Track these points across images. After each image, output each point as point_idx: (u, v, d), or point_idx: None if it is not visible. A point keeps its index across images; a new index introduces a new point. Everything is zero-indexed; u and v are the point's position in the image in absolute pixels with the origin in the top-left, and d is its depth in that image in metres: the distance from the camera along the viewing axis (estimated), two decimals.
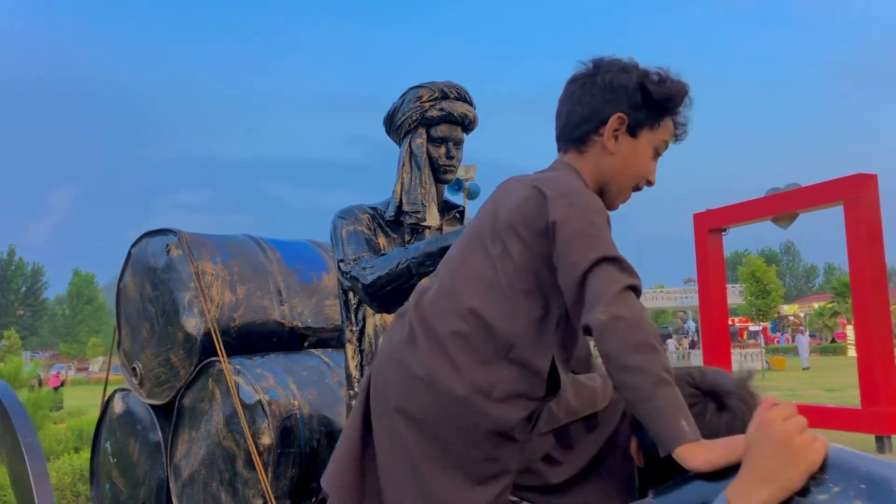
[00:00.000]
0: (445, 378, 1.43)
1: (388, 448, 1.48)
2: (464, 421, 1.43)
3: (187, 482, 3.04)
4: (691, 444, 1.19)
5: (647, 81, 1.50)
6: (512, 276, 1.46)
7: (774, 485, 1.06)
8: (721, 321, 14.24)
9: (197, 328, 3.08)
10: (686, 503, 1.20)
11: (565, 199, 1.43)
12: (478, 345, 1.44)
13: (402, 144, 2.63)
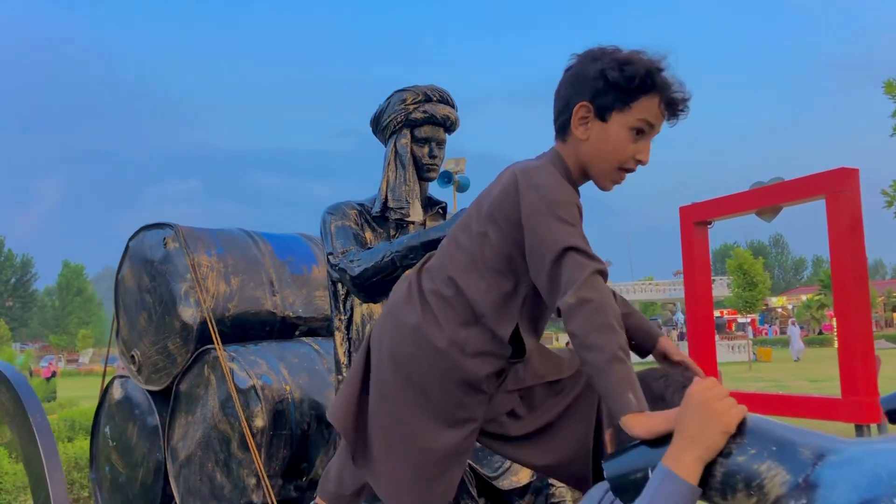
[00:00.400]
0: (429, 331, 1.66)
1: (377, 393, 1.72)
2: (441, 370, 1.66)
3: (184, 463, 3.20)
4: (636, 414, 1.36)
5: (608, 67, 1.60)
6: (489, 257, 1.66)
7: (699, 445, 1.23)
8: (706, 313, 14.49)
9: (193, 317, 3.24)
10: (632, 467, 1.37)
11: (536, 191, 1.61)
12: (457, 308, 1.66)
13: (387, 144, 2.80)
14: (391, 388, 1.71)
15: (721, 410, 1.24)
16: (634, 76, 1.60)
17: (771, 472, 1.17)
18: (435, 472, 1.69)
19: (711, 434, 1.23)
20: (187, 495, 3.17)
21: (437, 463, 1.69)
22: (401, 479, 1.71)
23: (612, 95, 1.62)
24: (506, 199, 1.65)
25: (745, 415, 1.26)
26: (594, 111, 1.65)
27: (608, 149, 1.66)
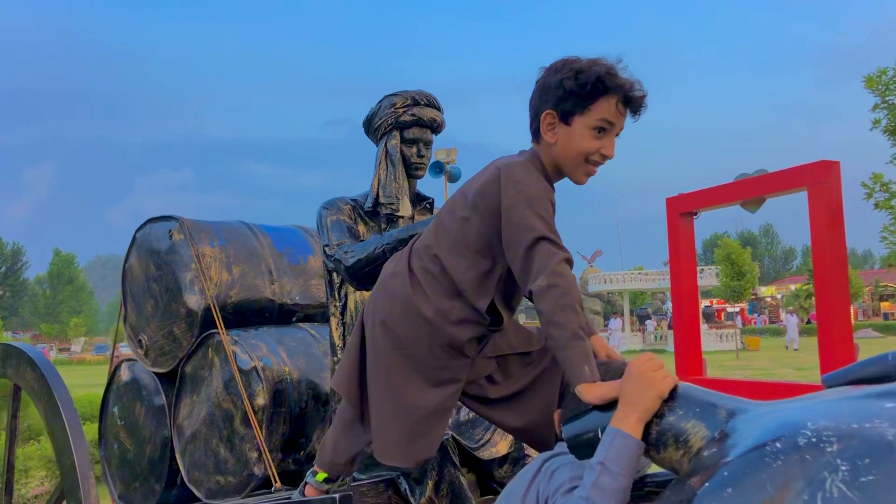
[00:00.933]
0: (418, 302, 1.92)
1: (372, 357, 1.99)
2: (428, 335, 1.92)
3: (190, 440, 3.44)
4: (589, 384, 1.61)
5: (564, 78, 1.84)
6: (471, 239, 1.91)
7: (639, 408, 1.49)
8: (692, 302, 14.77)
9: (197, 304, 3.47)
10: (585, 429, 1.62)
11: (515, 186, 1.87)
12: (442, 283, 1.92)
13: (378, 145, 3.04)
14: (383, 353, 1.97)
15: (655, 379, 1.50)
16: (587, 83, 1.83)
17: (695, 429, 1.43)
18: (421, 428, 1.95)
19: (648, 398, 1.49)
20: (193, 469, 3.41)
21: (423, 419, 1.95)
22: (391, 434, 1.96)
23: (572, 101, 1.86)
24: (489, 190, 1.90)
25: (676, 383, 1.51)
26: (559, 117, 1.89)
27: (575, 148, 1.90)
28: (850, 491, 1.07)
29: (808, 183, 13.24)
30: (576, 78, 1.84)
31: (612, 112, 1.87)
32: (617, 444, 1.49)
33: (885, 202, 12.05)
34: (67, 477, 2.42)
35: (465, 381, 2.01)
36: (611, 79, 1.84)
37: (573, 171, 1.95)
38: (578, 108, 1.87)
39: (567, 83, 1.84)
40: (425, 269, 1.96)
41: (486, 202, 1.89)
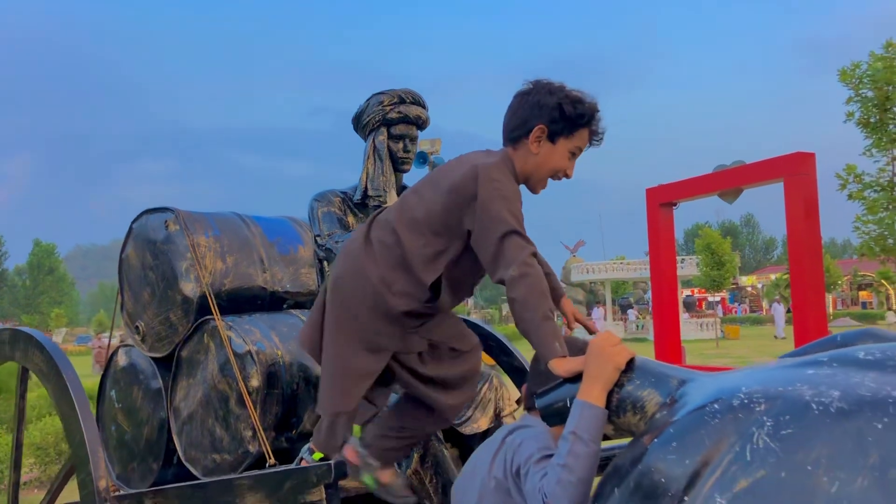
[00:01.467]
0: (367, 267, 2.17)
1: (328, 318, 2.26)
2: (371, 300, 2.16)
3: (186, 420, 3.62)
4: (559, 359, 1.82)
5: (563, 102, 2.09)
6: (433, 221, 2.14)
7: (599, 380, 1.69)
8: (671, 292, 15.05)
9: (193, 291, 3.64)
10: (556, 399, 1.82)
11: (493, 183, 2.08)
12: (393, 254, 2.16)
13: (367, 140, 3.22)
14: (331, 310, 2.23)
15: (613, 353, 1.70)
16: (584, 114, 2.12)
17: (649, 396, 1.63)
18: (346, 385, 2.23)
19: (608, 370, 1.69)
20: (190, 448, 3.58)
21: (349, 378, 2.23)
22: (324, 388, 2.27)
23: (563, 125, 2.12)
24: (463, 184, 2.11)
25: (633, 356, 1.71)
26: (547, 134, 2.13)
27: (551, 164, 2.16)
28: (773, 442, 1.27)
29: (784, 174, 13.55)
30: (574, 106, 2.10)
31: (585, 141, 2.17)
32: (586, 414, 1.69)
33: (857, 193, 12.36)
34: (78, 452, 2.60)
35: (394, 352, 2.27)
36: (596, 114, 2.14)
37: (538, 182, 2.21)
38: (566, 132, 2.13)
39: (567, 108, 2.10)
40: (381, 239, 2.20)
41: (459, 193, 2.10)
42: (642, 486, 1.40)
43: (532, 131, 2.13)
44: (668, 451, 1.39)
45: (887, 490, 1.15)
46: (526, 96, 2.16)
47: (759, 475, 1.26)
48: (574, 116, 2.10)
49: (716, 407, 1.39)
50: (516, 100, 2.19)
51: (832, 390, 1.29)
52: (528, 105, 2.15)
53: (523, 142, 2.15)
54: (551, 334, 1.86)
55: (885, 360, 1.33)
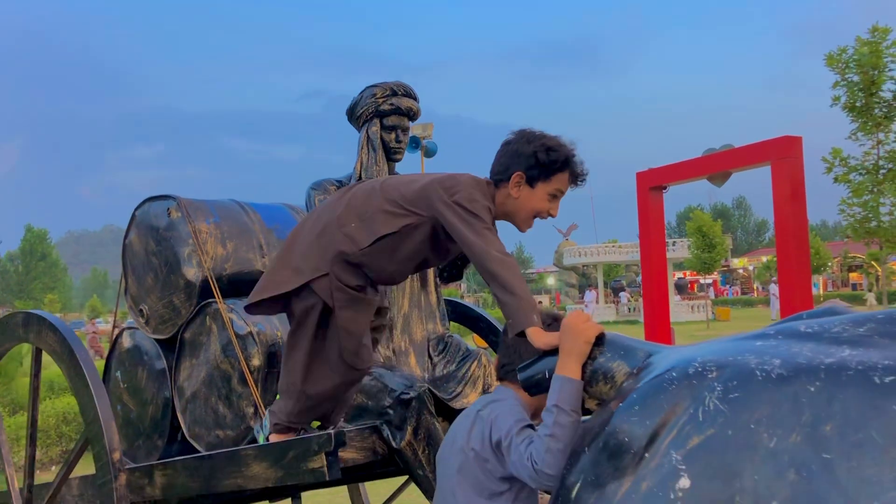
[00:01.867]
0: (337, 207, 2.51)
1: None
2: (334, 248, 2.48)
3: (190, 399, 3.79)
4: (538, 329, 2.01)
5: (539, 150, 2.33)
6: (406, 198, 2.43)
7: (574, 355, 1.87)
8: (661, 275, 15.24)
9: (195, 276, 3.80)
10: (536, 372, 2.00)
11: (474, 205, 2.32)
12: (362, 205, 2.48)
13: (360, 131, 3.38)
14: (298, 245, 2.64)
15: (583, 329, 1.88)
16: (557, 160, 2.36)
17: (619, 367, 1.81)
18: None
19: (579, 344, 1.87)
20: (193, 425, 3.76)
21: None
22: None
23: (539, 170, 2.35)
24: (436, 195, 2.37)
25: (602, 331, 1.89)
26: (525, 179, 2.36)
27: (531, 206, 2.41)
28: (722, 405, 1.45)
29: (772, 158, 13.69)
30: (547, 154, 2.33)
31: (564, 184, 2.40)
32: (566, 388, 1.87)
33: (843, 176, 12.55)
34: (92, 426, 2.77)
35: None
36: (572, 159, 2.37)
37: (522, 222, 2.46)
38: (543, 177, 2.36)
39: (541, 156, 2.34)
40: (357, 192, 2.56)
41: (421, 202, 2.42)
42: (609, 445, 1.58)
43: (512, 177, 2.38)
44: (632, 414, 1.57)
45: (817, 444, 1.33)
46: (508, 145, 2.43)
47: (709, 433, 1.44)
48: (548, 163, 2.34)
49: (674, 375, 1.57)
50: (501, 148, 2.46)
51: (774, 359, 1.47)
52: (508, 153, 2.40)
53: (504, 185, 2.41)
54: (529, 307, 2.07)
55: (821, 332, 1.51)
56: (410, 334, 3.52)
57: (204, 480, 2.78)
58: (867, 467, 1.28)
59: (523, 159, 2.35)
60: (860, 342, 1.44)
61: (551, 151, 2.34)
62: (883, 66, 12.24)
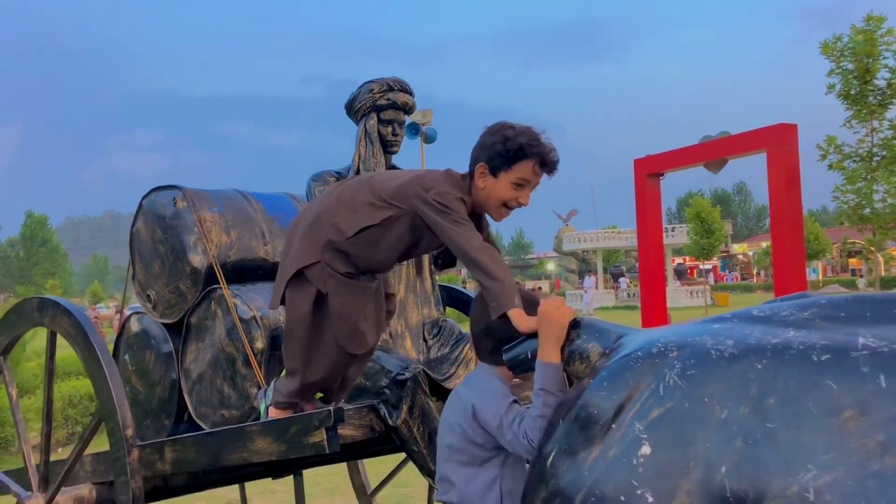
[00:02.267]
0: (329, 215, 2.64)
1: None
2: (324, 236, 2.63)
3: (196, 380, 3.96)
4: (520, 311, 2.18)
5: (497, 141, 2.45)
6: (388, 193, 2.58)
7: (551, 339, 2.04)
8: (658, 261, 15.42)
9: (201, 263, 3.97)
10: (520, 353, 2.17)
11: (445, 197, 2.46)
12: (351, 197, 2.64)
13: (358, 124, 3.54)
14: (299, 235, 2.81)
15: (558, 314, 2.06)
16: (512, 149, 2.45)
17: (593, 348, 1.98)
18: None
19: (555, 330, 2.04)
20: (200, 405, 3.93)
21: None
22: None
23: (500, 160, 2.47)
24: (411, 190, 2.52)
25: (574, 314, 2.06)
26: (489, 170, 2.48)
27: (496, 195, 2.52)
28: (680, 381, 1.62)
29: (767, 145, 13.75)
30: (505, 143, 2.44)
31: (528, 172, 2.48)
32: (548, 372, 2.06)
33: (837, 163, 12.69)
34: (106, 405, 2.94)
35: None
36: (530, 147, 2.44)
37: (492, 211, 2.58)
38: (504, 166, 2.47)
39: (498, 146, 2.46)
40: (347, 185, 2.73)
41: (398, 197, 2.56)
42: (580, 417, 1.75)
43: (476, 168, 2.50)
44: (601, 389, 1.74)
45: (762, 415, 1.50)
46: (479, 138, 2.56)
47: (669, 406, 1.61)
48: (505, 152, 2.44)
49: (639, 354, 1.74)
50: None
51: (728, 340, 1.64)
52: (476, 146, 2.54)
53: (474, 178, 2.54)
54: (511, 290, 2.23)
55: (771, 316, 1.68)
56: (406, 318, 3.69)
57: (212, 455, 2.95)
58: (804, 435, 1.44)
59: (485, 150, 2.47)
60: (804, 325, 1.60)
61: (509, 141, 2.43)
62: (877, 54, 12.35)
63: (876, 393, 1.41)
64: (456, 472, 2.30)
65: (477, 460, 2.26)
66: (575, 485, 1.68)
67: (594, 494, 1.63)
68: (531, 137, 2.44)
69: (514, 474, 2.25)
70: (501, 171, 2.48)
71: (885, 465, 1.35)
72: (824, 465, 1.40)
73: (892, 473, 1.34)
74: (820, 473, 1.40)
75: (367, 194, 2.61)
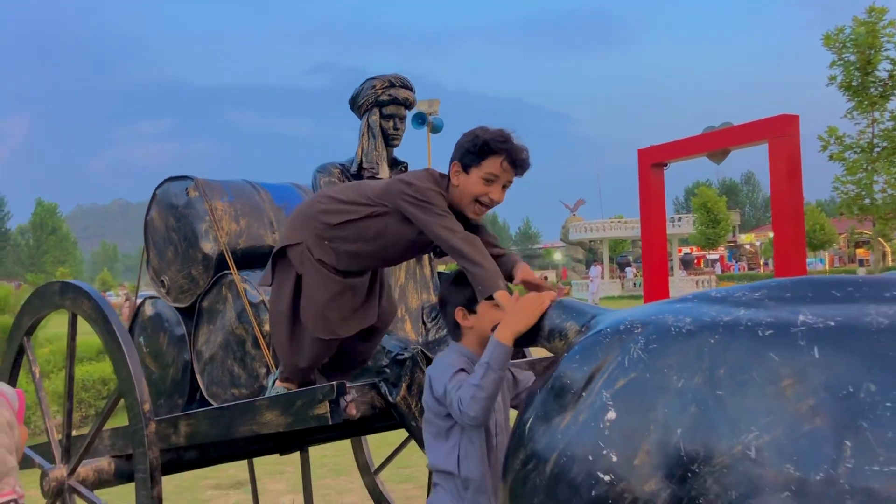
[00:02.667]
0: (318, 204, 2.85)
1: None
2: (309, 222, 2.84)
3: (208, 361, 4.18)
4: (504, 292, 2.37)
5: (465, 139, 2.64)
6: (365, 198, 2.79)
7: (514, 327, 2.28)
8: (661, 251, 15.59)
9: (212, 250, 4.18)
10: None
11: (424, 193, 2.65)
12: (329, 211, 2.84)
13: (362, 119, 3.73)
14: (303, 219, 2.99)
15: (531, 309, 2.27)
16: (478, 144, 2.62)
17: (570, 326, 2.17)
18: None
19: (522, 320, 2.27)
20: (211, 385, 4.15)
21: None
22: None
23: (469, 157, 2.65)
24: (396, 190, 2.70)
25: (554, 298, 2.26)
26: (461, 167, 2.67)
27: (468, 191, 2.69)
28: (643, 354, 1.81)
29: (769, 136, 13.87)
30: (472, 141, 2.63)
31: (497, 168, 2.63)
32: (498, 350, 2.27)
33: (838, 154, 12.81)
34: (125, 382, 3.15)
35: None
36: (496, 143, 2.60)
37: (465, 208, 2.73)
38: (473, 163, 2.64)
39: (467, 144, 2.65)
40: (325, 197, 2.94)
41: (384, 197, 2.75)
42: (555, 387, 1.95)
43: (451, 167, 2.69)
44: (573, 362, 1.94)
45: (713, 383, 1.69)
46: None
47: (632, 376, 1.81)
48: (474, 148, 2.61)
49: (608, 331, 1.94)
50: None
51: (686, 318, 1.83)
52: (454, 147, 2.73)
53: (450, 177, 2.71)
54: (495, 275, 2.43)
55: (727, 297, 1.87)
56: (406, 303, 3.90)
57: (224, 428, 3.16)
58: (748, 401, 1.64)
59: (458, 149, 2.67)
60: (753, 304, 1.79)
61: (477, 138, 2.61)
62: (879, 45, 12.46)
63: (810, 363, 1.60)
64: (429, 443, 2.53)
65: (441, 431, 2.48)
66: (550, 447, 1.88)
67: (566, 455, 1.83)
68: (499, 136, 2.61)
69: (472, 439, 2.46)
70: (472, 168, 2.64)
71: (815, 426, 1.55)
72: (764, 427, 1.59)
73: (822, 434, 1.54)
74: (760, 434, 1.59)
75: (355, 194, 2.81)
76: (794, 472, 1.53)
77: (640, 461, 1.72)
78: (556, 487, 1.84)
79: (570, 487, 1.80)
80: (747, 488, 1.59)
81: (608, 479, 1.75)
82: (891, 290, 1.70)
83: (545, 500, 1.85)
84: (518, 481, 1.95)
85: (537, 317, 2.27)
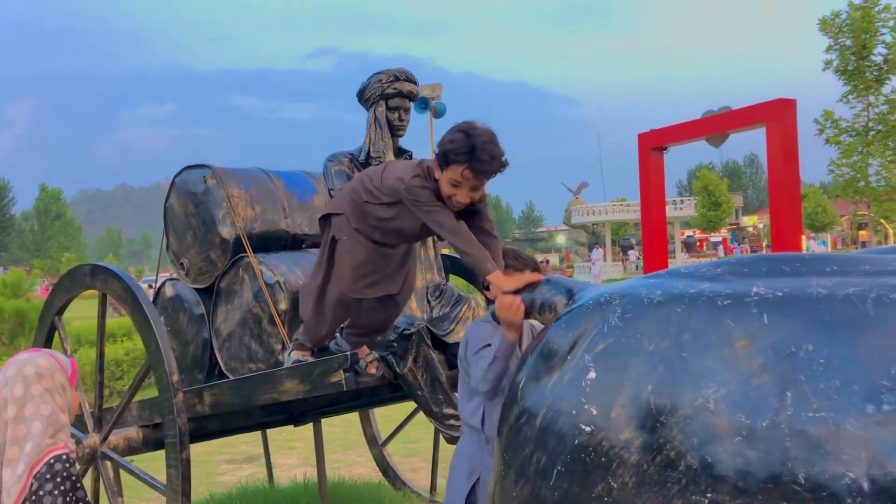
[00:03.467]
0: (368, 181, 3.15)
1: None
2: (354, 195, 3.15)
3: (226, 339, 4.46)
4: (498, 273, 2.65)
5: (442, 142, 2.85)
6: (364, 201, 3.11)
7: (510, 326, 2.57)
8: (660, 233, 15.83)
9: (229, 234, 4.45)
10: (534, 297, 2.64)
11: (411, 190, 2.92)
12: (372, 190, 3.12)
13: (369, 111, 4.00)
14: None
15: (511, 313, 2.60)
16: (443, 152, 2.83)
17: (558, 299, 2.45)
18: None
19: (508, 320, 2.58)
20: (230, 360, 4.44)
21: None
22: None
23: (440, 160, 2.86)
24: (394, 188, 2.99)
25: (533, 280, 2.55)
26: (438, 166, 2.90)
27: (444, 190, 2.90)
28: (620, 322, 2.09)
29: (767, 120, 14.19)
30: (442, 146, 2.84)
31: (458, 175, 2.81)
32: (503, 346, 2.62)
33: (833, 138, 13.03)
34: (154, 355, 3.44)
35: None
36: (454, 157, 2.77)
37: (446, 200, 2.91)
38: (442, 166, 2.86)
39: (440, 147, 2.86)
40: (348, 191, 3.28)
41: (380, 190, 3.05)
42: (544, 351, 2.23)
43: (433, 162, 2.92)
44: (560, 329, 2.22)
45: (679, 347, 1.97)
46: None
47: (610, 341, 2.08)
48: (441, 154, 2.81)
49: (590, 303, 2.21)
50: None
51: (657, 290, 2.10)
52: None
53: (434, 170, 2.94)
54: (486, 258, 2.72)
55: (694, 272, 2.14)
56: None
57: (245, 397, 3.45)
58: (708, 361, 1.91)
59: (437, 148, 2.86)
60: (715, 279, 2.06)
61: (447, 144, 2.79)
62: (874, 30, 12.64)
63: (760, 328, 1.87)
64: (461, 396, 2.87)
65: (471, 389, 2.80)
66: (538, 403, 2.16)
67: (553, 410, 2.11)
68: (462, 145, 2.74)
69: (494, 403, 2.76)
70: (443, 170, 2.84)
71: (763, 381, 1.82)
72: (721, 383, 1.87)
73: (768, 387, 1.81)
74: (718, 389, 1.86)
75: (371, 184, 3.13)
76: (745, 420, 1.80)
77: (616, 414, 2.00)
78: (544, 438, 2.12)
79: (557, 437, 2.08)
80: (707, 435, 1.86)
81: (589, 430, 2.03)
82: (831, 265, 1.97)
83: (535, 449, 2.14)
84: (512, 433, 2.23)
85: (520, 311, 2.58)
